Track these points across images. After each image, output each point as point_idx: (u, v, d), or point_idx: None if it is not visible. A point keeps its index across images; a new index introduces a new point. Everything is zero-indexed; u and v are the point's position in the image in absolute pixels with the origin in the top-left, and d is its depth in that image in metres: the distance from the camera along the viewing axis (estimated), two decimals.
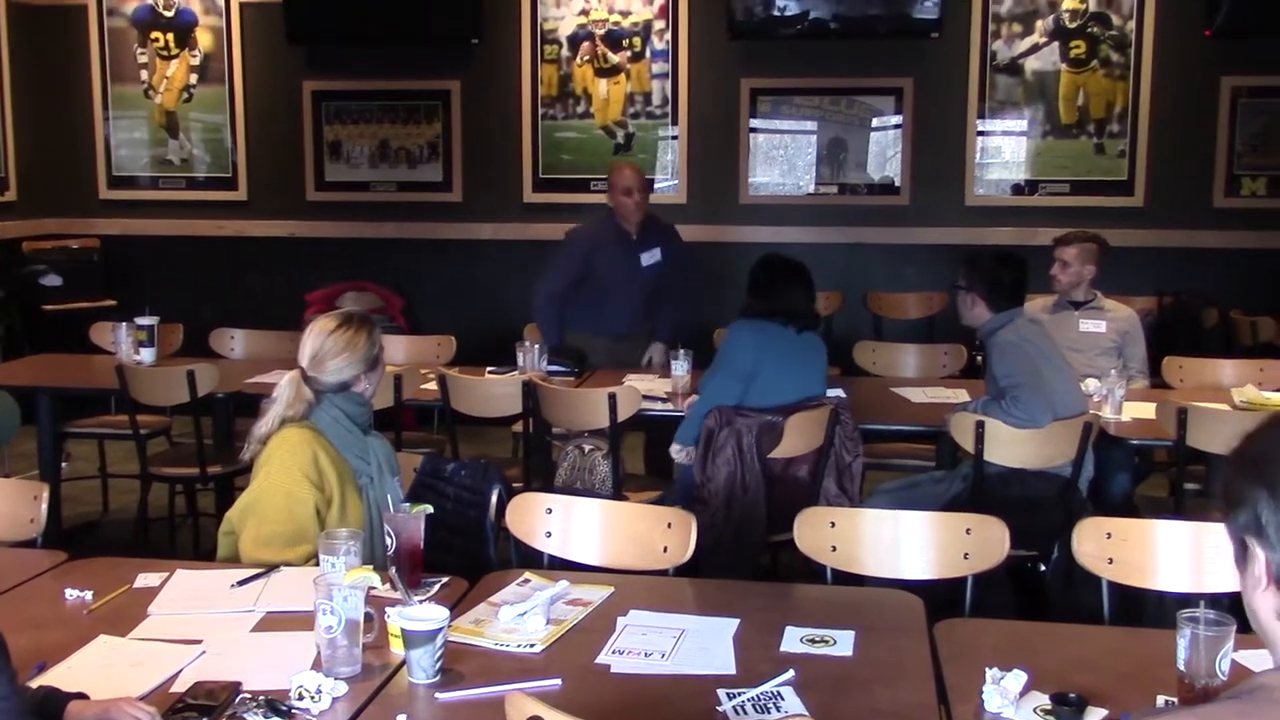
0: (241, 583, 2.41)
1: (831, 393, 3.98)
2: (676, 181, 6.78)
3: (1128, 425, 3.95)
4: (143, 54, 7.21)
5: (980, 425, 3.61)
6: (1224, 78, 6.45)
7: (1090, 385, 4.12)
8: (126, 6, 7.19)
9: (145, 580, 2.44)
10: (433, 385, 4.43)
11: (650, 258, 5.17)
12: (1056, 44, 6.55)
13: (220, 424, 4.97)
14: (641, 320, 5.19)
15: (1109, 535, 2.59)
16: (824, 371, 3.97)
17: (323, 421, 2.71)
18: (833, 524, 2.71)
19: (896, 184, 6.73)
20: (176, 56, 7.19)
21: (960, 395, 4.30)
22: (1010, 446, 3.62)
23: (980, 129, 6.64)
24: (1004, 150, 6.68)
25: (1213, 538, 2.52)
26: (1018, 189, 6.67)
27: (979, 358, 4.37)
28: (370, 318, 2.87)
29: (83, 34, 7.21)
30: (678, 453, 3.89)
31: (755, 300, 3.88)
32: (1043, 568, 3.55)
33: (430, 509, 2.45)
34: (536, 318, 5.18)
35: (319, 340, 2.74)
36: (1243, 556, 1.34)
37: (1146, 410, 3.96)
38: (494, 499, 2.94)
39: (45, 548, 2.72)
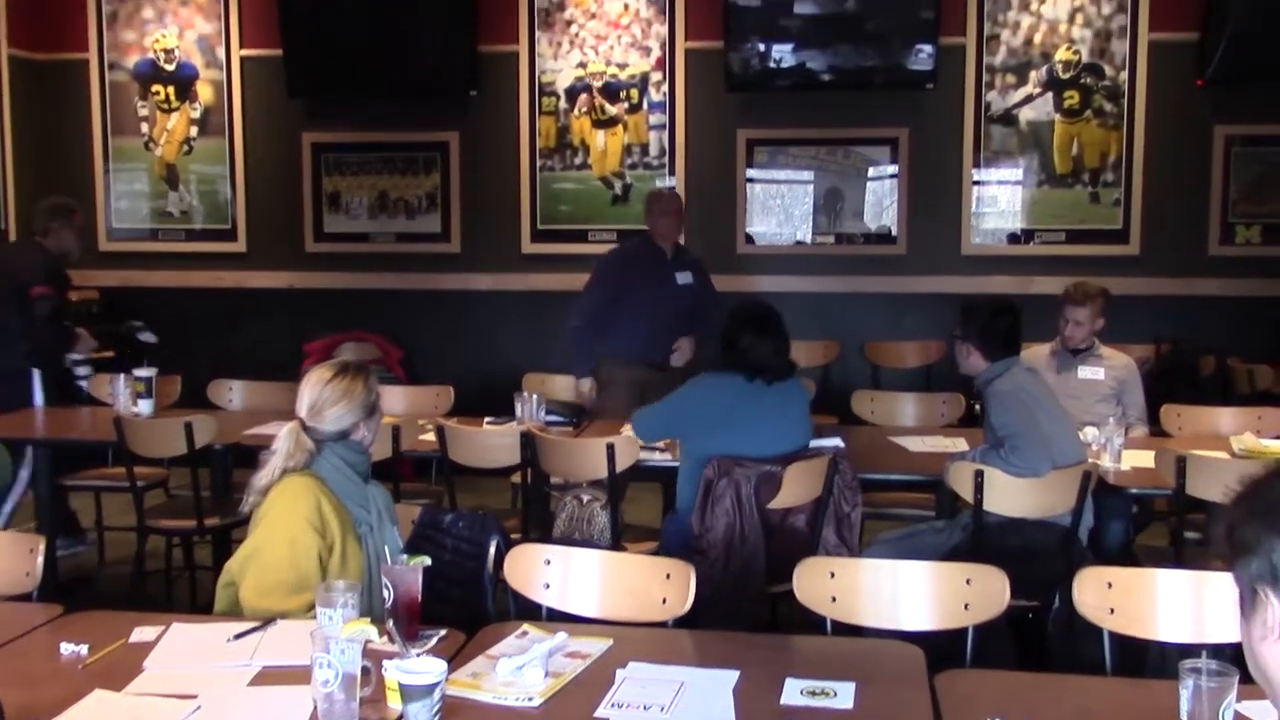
0: (238, 636, 2.40)
1: (830, 442, 3.97)
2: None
3: (1127, 474, 3.94)
4: (143, 107, 7.28)
5: (979, 474, 3.60)
6: (1217, 126, 6.51)
7: (1089, 434, 4.13)
8: (128, 60, 7.27)
9: (141, 634, 2.43)
10: (431, 436, 4.42)
11: (684, 277, 5.34)
12: (1050, 94, 6.62)
13: (218, 476, 4.96)
14: (671, 344, 5.27)
15: (1110, 585, 2.58)
16: (805, 421, 3.94)
17: (324, 470, 2.72)
18: (832, 574, 2.70)
19: (893, 233, 6.78)
20: (177, 109, 7.25)
21: (959, 444, 4.29)
22: (1009, 496, 3.61)
23: (976, 178, 6.70)
24: (1000, 199, 6.73)
25: (1214, 587, 2.52)
26: (1014, 238, 6.71)
27: (977, 406, 4.38)
28: (366, 366, 2.90)
29: (84, 88, 7.29)
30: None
31: (723, 353, 3.91)
32: (1044, 618, 3.53)
33: (428, 561, 2.44)
34: (570, 340, 5.27)
35: (317, 390, 2.75)
36: (1251, 604, 1.31)
37: (1145, 458, 3.96)
38: (492, 550, 2.93)
39: (41, 601, 2.71)
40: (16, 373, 5.14)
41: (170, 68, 7.24)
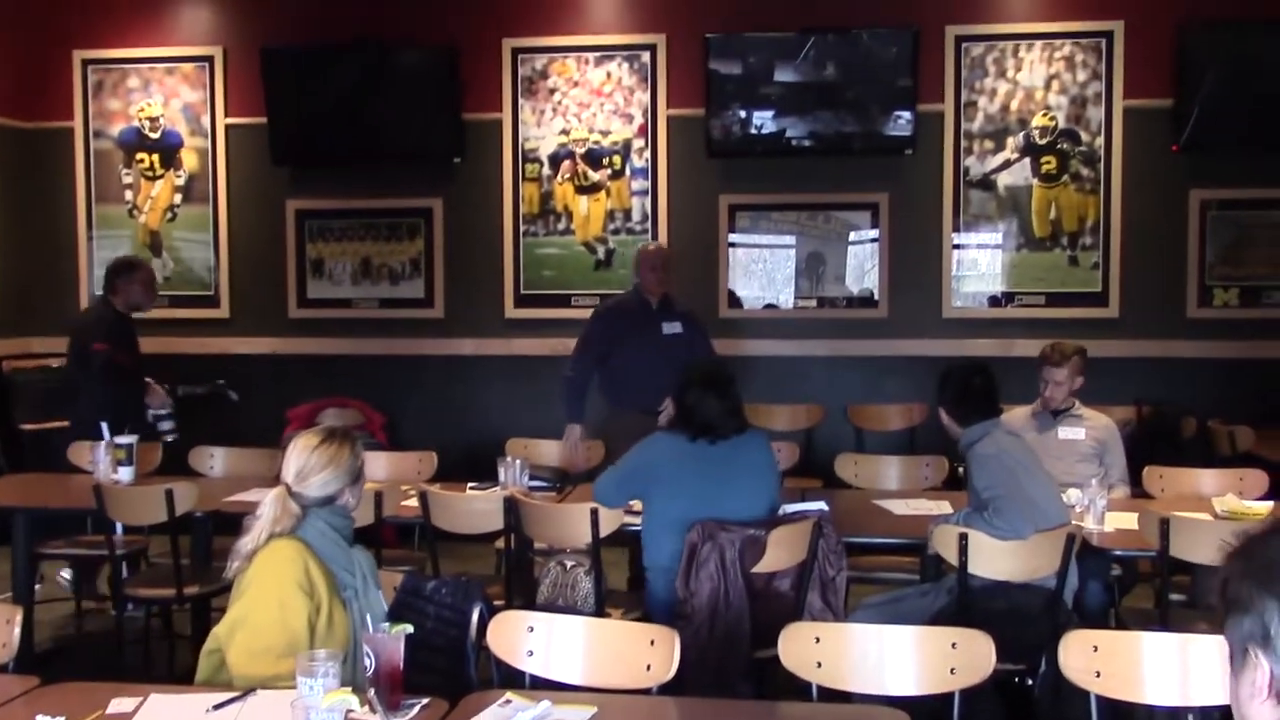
0: (217, 707, 2.38)
1: (813, 506, 3.97)
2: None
3: (1110, 535, 3.95)
4: (128, 175, 7.32)
5: (963, 537, 3.60)
6: (1193, 190, 6.61)
7: (1072, 495, 4.13)
8: (113, 129, 7.32)
9: (119, 705, 2.40)
10: (413, 502, 4.39)
11: (671, 327, 5.47)
12: (1028, 160, 6.71)
13: (198, 544, 4.92)
14: (665, 394, 5.23)
15: (1096, 648, 2.58)
16: (766, 481, 3.93)
17: (309, 535, 2.72)
18: (817, 639, 2.69)
19: (875, 297, 6.83)
20: (161, 177, 7.29)
21: (943, 507, 4.30)
22: (994, 558, 3.61)
23: (956, 242, 6.76)
24: (980, 263, 6.79)
25: (1200, 650, 2.52)
26: (994, 300, 6.77)
27: (960, 469, 4.39)
28: (352, 432, 2.92)
29: (69, 155, 7.33)
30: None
31: (675, 410, 3.95)
32: (1030, 681, 3.52)
33: (410, 629, 2.43)
34: (562, 389, 5.48)
35: (303, 456, 2.77)
36: (1240, 663, 1.31)
37: (1129, 520, 3.97)
38: (475, 618, 2.92)
39: (17, 672, 2.68)
40: (88, 427, 5.19)
41: (155, 136, 7.29)
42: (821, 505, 4.02)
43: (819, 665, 2.65)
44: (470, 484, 4.76)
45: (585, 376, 5.46)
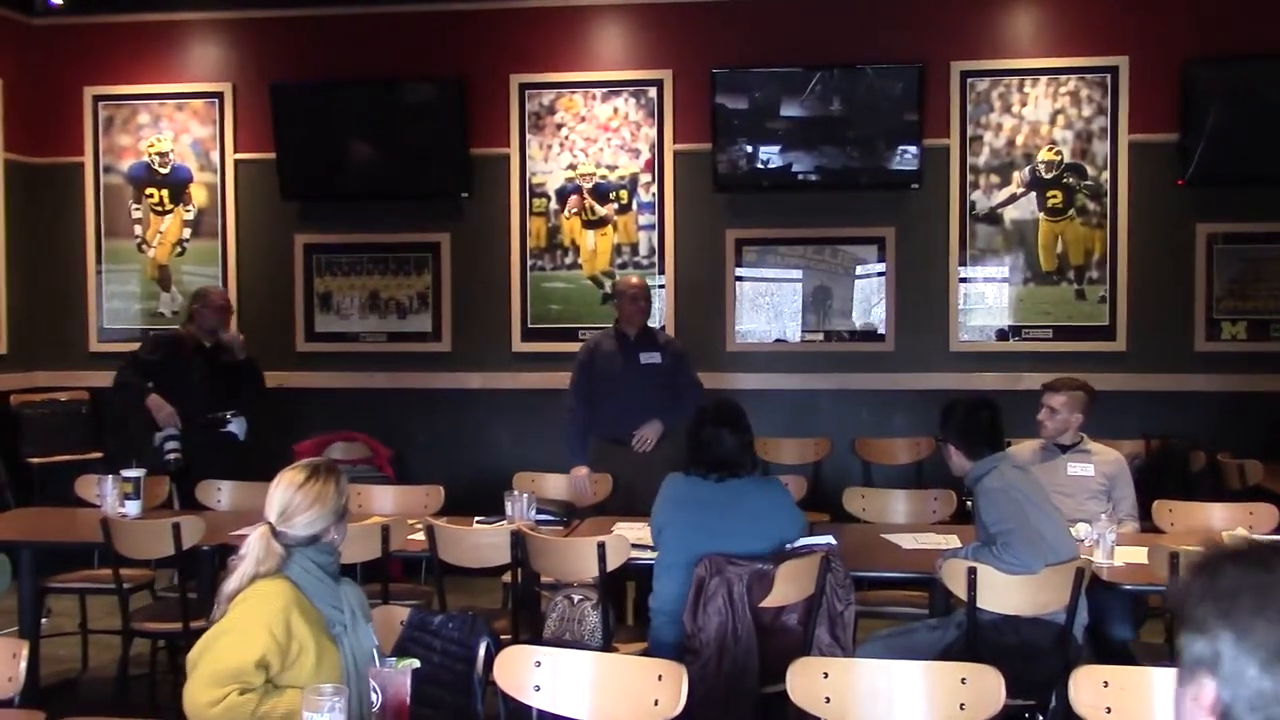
0: None
1: (821, 540, 3.96)
2: (664, 328, 6.85)
3: (1120, 570, 3.93)
4: (137, 209, 7.36)
5: (972, 572, 3.59)
6: (1199, 224, 6.62)
7: (1081, 530, 4.12)
8: (122, 164, 7.37)
9: None
10: (420, 536, 4.40)
11: (648, 357, 5.56)
12: (1034, 194, 6.73)
13: (205, 578, 4.91)
14: (645, 423, 5.43)
15: (1106, 684, 2.57)
16: (782, 517, 3.91)
17: (295, 574, 2.68)
18: (826, 674, 2.68)
19: (881, 331, 6.83)
20: (171, 212, 7.33)
21: (951, 541, 4.28)
22: (1003, 593, 3.60)
23: (962, 276, 6.77)
24: (986, 296, 6.80)
25: None
26: (1001, 334, 6.77)
27: (969, 503, 4.38)
28: (336, 466, 2.86)
29: (79, 190, 7.37)
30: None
31: (686, 447, 3.96)
32: (1040, 717, 3.50)
33: (416, 663, 2.42)
34: (562, 433, 5.59)
35: (288, 495, 2.73)
36: (1189, 676, 1.34)
37: (1138, 554, 3.96)
38: (482, 652, 2.91)
39: (23, 707, 2.67)
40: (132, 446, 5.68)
41: (165, 171, 7.33)
42: (829, 539, 4.01)
43: (827, 700, 2.64)
44: (477, 518, 4.75)
45: (580, 415, 5.54)
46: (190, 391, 5.81)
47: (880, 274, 6.84)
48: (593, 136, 7.00)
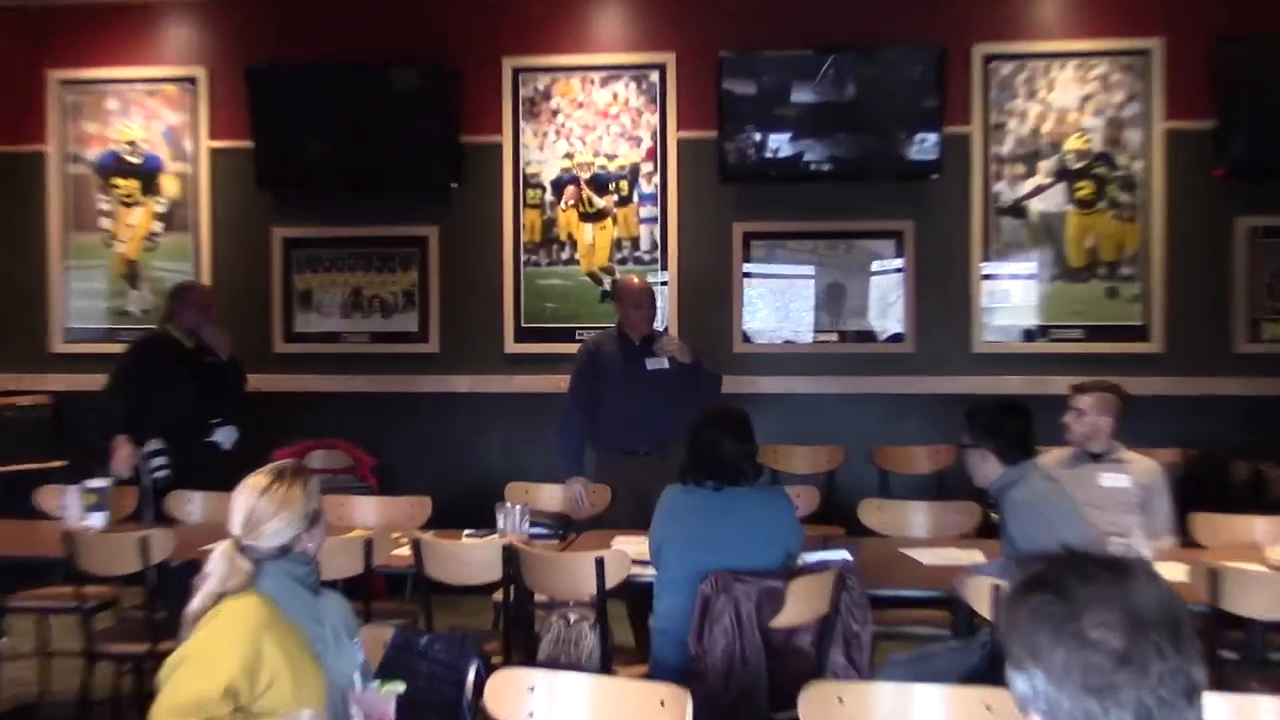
0: None
1: (836, 555, 3.94)
2: (666, 330, 6.82)
3: None
4: (105, 201, 7.34)
5: (998, 590, 3.56)
6: (1238, 218, 6.59)
7: (1115, 546, 4.09)
8: (89, 153, 7.35)
9: None
10: (405, 550, 4.39)
11: (655, 363, 5.50)
12: (1062, 185, 6.71)
13: (174, 596, 4.88)
14: (655, 434, 5.36)
15: None
16: (781, 532, 3.90)
17: (269, 589, 2.64)
18: (841, 699, 2.65)
19: (899, 331, 6.81)
20: (140, 204, 7.31)
21: (975, 556, 4.26)
22: None
23: (985, 272, 6.75)
24: (1012, 294, 6.78)
25: (1256, 711, 2.47)
26: (1028, 334, 6.75)
27: (994, 515, 4.35)
28: (304, 467, 2.84)
29: (42, 181, 7.35)
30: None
31: (687, 453, 3.94)
32: None
33: (402, 687, 2.40)
34: (556, 444, 5.52)
35: (250, 502, 2.70)
36: (1023, 713, 1.48)
37: (1177, 572, 3.92)
38: (471, 675, 2.88)
39: None
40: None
41: (134, 160, 7.32)
42: (844, 554, 4.00)
43: None
44: (466, 531, 4.75)
45: (577, 424, 5.53)
46: (176, 399, 5.77)
47: (898, 270, 6.82)
48: (591, 124, 6.98)
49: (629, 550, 4.13)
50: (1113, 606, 1.44)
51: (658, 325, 6.51)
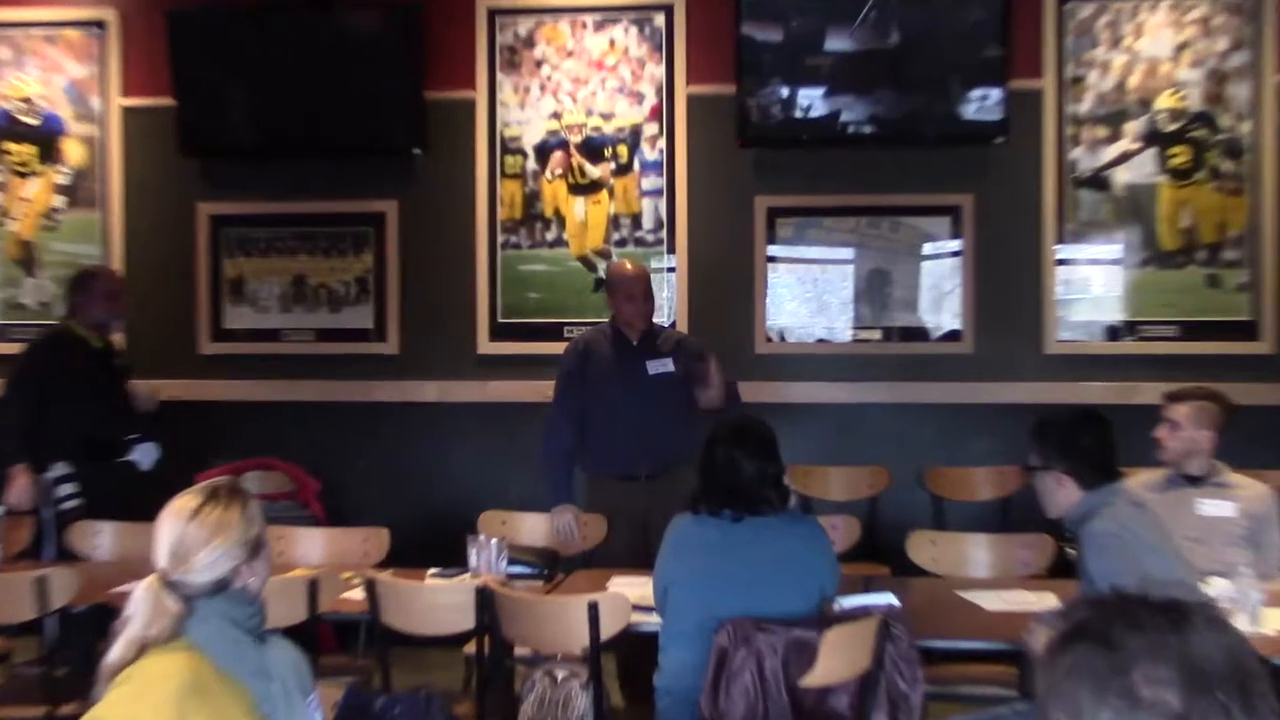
0: None
1: (879, 600, 3.94)
2: (674, 324, 6.83)
3: (1270, 640, 3.90)
4: None
5: (1038, 639, 3.55)
6: None
7: (1218, 587, 4.09)
8: None
9: None
10: (359, 593, 4.39)
11: (659, 366, 5.52)
12: (1152, 151, 6.71)
13: (78, 647, 4.89)
14: (659, 453, 5.36)
15: None
16: (813, 572, 3.89)
17: (202, 638, 2.60)
18: None
19: (956, 327, 6.81)
20: (38, 174, 7.32)
21: (1048, 601, 4.27)
22: None
23: (1060, 257, 6.75)
24: (1092, 283, 6.77)
25: None
26: (1111, 332, 6.75)
27: (1070, 551, 4.35)
28: (241, 487, 2.83)
29: None
30: None
31: (698, 475, 3.94)
32: None
33: None
34: (540, 467, 5.54)
35: (178, 529, 2.68)
36: None
37: None
38: None
39: None
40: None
41: (31, 121, 7.31)
42: (889, 598, 3.99)
43: None
44: (432, 570, 4.76)
45: (565, 441, 5.53)
46: (85, 412, 5.77)
47: (954, 254, 6.82)
48: (583, 77, 6.99)
49: (629, 593, 4.12)
50: (1169, 659, 1.42)
51: (663, 320, 6.53)
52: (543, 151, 7.04)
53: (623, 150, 6.99)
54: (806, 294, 6.94)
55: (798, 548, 3.89)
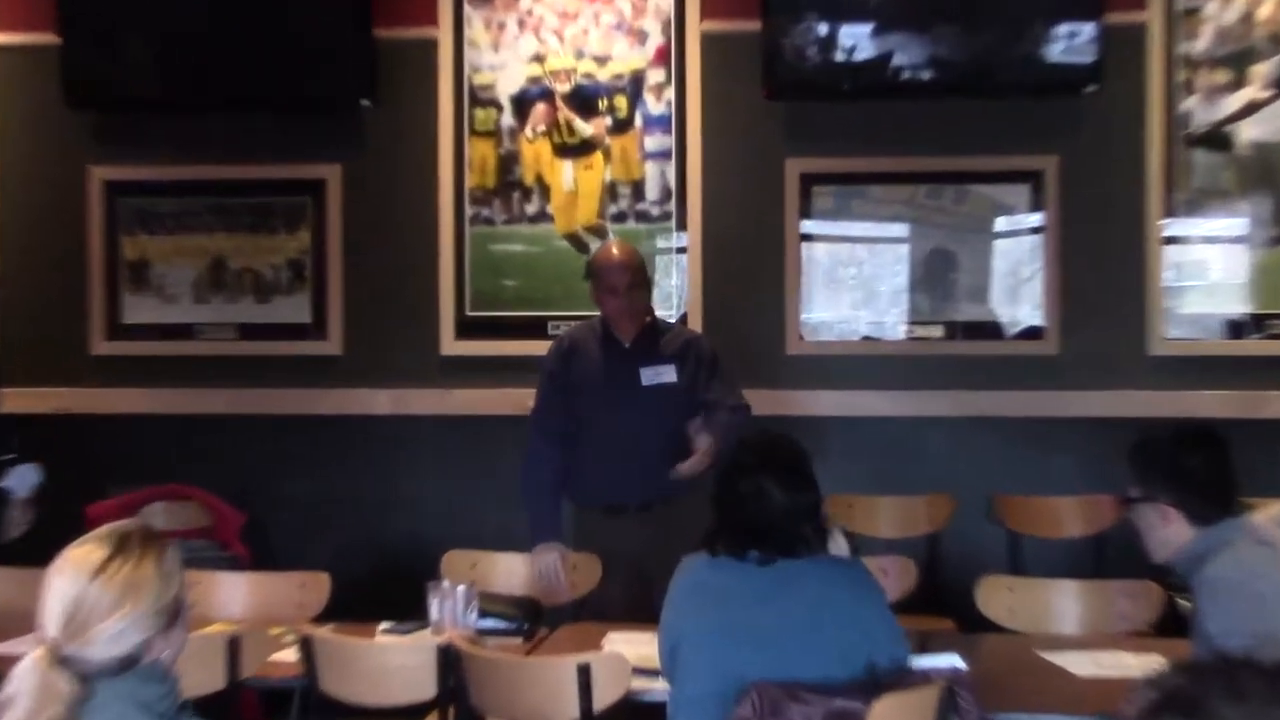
0: None
1: (941, 661, 3.94)
2: (684, 317, 6.85)
3: None
4: None
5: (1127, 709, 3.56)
6: None
7: None
8: None
9: None
10: (292, 654, 4.40)
11: (656, 375, 5.50)
12: None
13: None
14: (661, 479, 5.33)
15: None
16: (853, 622, 3.89)
17: None
18: None
19: (1037, 322, 6.81)
20: None
21: (1153, 664, 4.26)
22: None
23: (1169, 234, 6.76)
24: (1209, 267, 6.78)
25: None
26: (1234, 328, 6.76)
27: (1182, 601, 4.35)
28: (156, 534, 2.79)
29: None
30: None
31: (714, 507, 3.93)
32: None
33: None
34: (519, 491, 5.54)
35: (77, 589, 2.63)
36: None
37: None
38: None
39: None
40: None
41: None
42: (954, 660, 4.00)
43: None
44: (383, 625, 4.77)
45: (549, 464, 5.54)
46: None
47: (1034, 231, 6.83)
48: (571, 10, 7.00)
49: (628, 653, 4.14)
50: None
51: (669, 314, 6.53)
52: (522, 104, 7.05)
53: (621, 102, 7.01)
54: (850, 281, 6.95)
55: (841, 597, 3.87)
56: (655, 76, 6.98)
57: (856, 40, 6.68)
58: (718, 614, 3.82)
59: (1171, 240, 6.78)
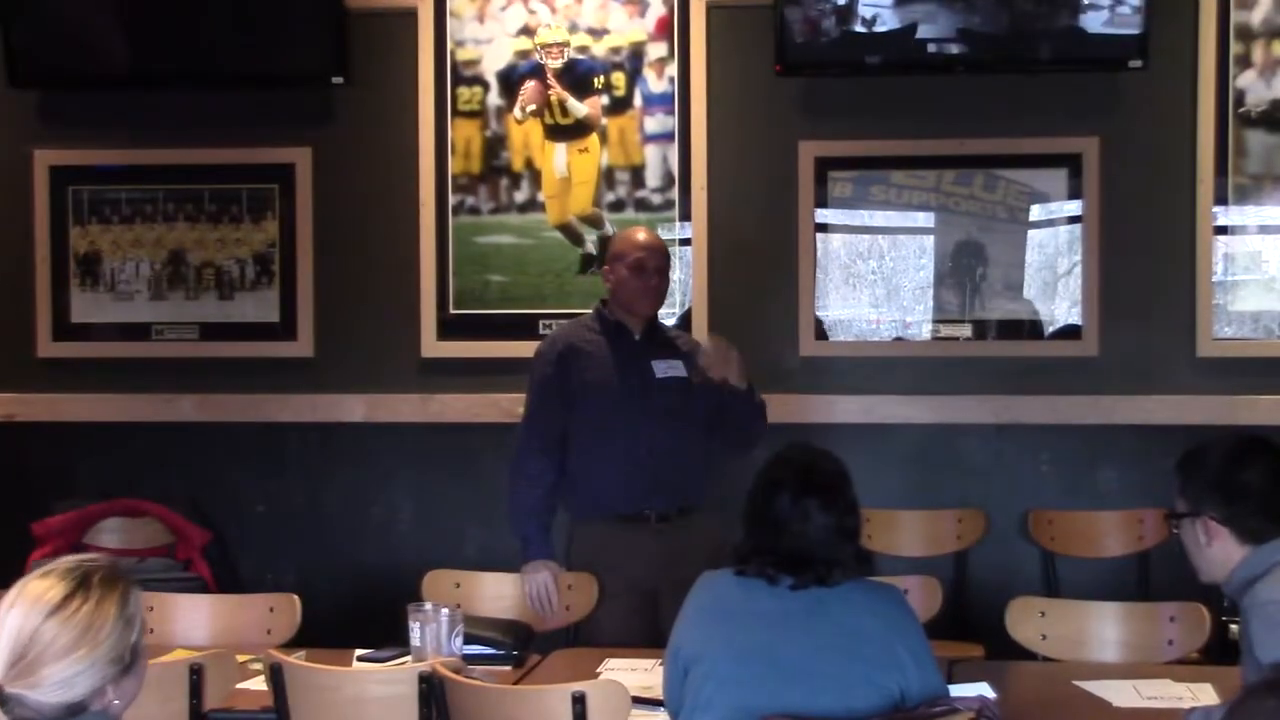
0: None
1: (970, 691, 3.97)
2: (688, 312, 6.90)
3: None
4: None
5: None
6: None
7: None
8: None
9: None
10: (260, 683, 4.42)
11: (669, 368, 5.55)
12: None
13: None
14: (671, 488, 5.43)
15: None
16: (885, 653, 3.91)
17: None
18: None
19: (1076, 321, 6.83)
20: None
21: (1203, 694, 4.28)
22: None
23: (1221, 223, 6.77)
24: (1265, 260, 6.78)
25: None
26: None
27: (1232, 625, 4.37)
28: (120, 572, 2.77)
29: None
30: None
31: (744, 525, 3.94)
32: None
33: None
34: (508, 501, 5.56)
35: (29, 625, 2.61)
36: None
37: None
38: None
39: None
40: None
41: None
42: (983, 690, 4.02)
43: None
44: (360, 652, 4.78)
45: (540, 475, 5.53)
46: None
47: (1073, 220, 6.85)
48: None
49: (627, 681, 4.14)
50: None
51: (672, 312, 6.55)
52: (509, 81, 7.06)
53: (619, 79, 7.02)
54: (870, 276, 6.96)
55: (874, 626, 3.87)
56: (656, 51, 7.00)
57: (878, 10, 6.68)
58: (741, 638, 3.81)
59: (1223, 230, 6.78)
